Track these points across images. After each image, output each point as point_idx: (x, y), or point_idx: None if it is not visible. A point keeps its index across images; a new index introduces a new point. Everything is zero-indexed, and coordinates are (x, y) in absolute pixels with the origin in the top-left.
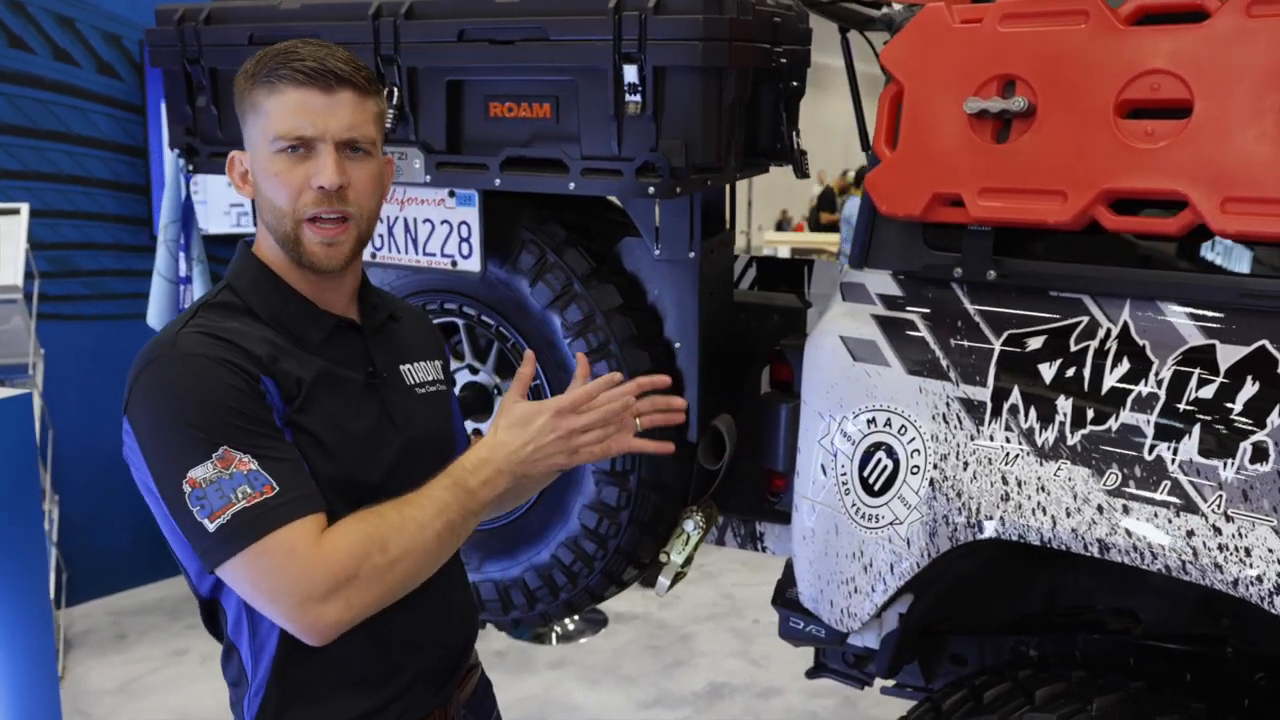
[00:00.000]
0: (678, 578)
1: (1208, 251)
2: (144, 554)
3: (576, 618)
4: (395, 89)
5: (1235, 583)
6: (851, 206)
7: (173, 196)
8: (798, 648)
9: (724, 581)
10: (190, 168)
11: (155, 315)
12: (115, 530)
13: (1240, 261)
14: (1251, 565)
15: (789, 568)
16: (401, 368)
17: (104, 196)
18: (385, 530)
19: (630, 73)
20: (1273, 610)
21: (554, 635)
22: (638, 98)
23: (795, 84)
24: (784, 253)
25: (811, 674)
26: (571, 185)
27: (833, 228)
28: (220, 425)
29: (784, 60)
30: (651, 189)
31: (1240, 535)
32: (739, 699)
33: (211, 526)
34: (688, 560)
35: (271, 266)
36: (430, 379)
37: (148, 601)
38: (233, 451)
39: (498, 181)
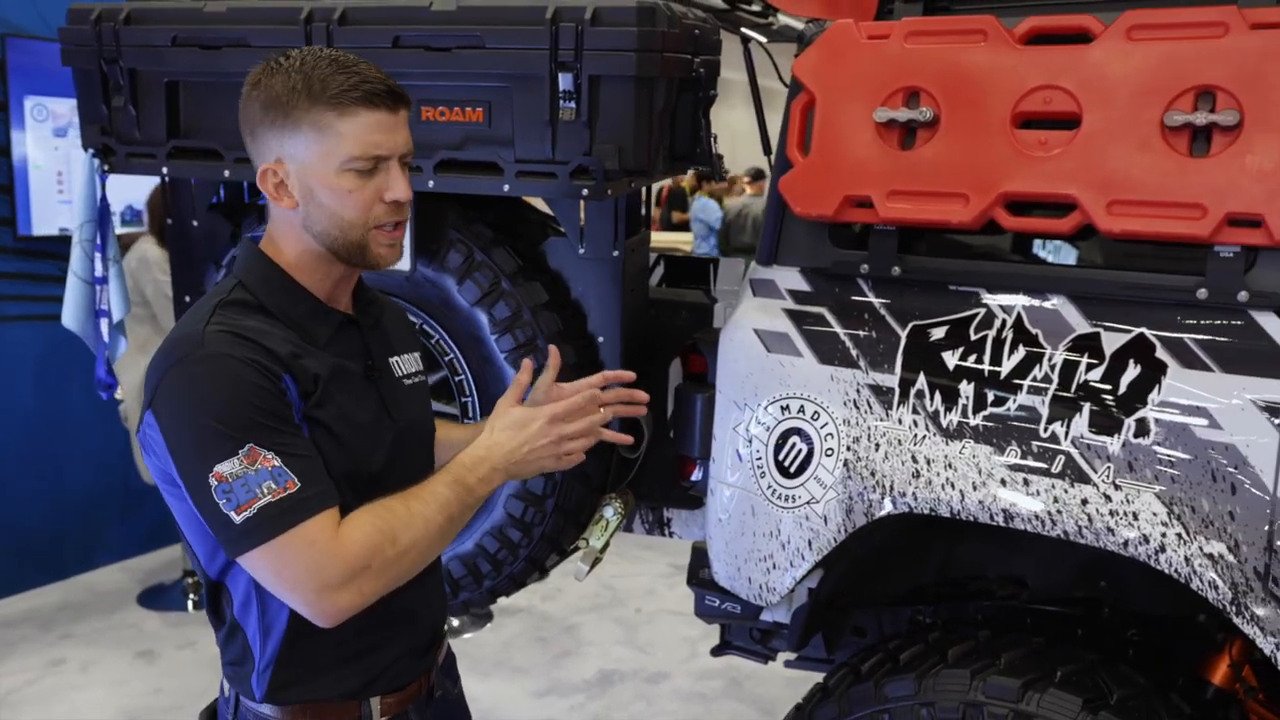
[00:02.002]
0: (595, 562)
1: (1093, 249)
2: (11, 562)
3: (462, 615)
4: None
5: (1125, 544)
6: (699, 205)
7: (87, 197)
8: (682, 626)
9: (603, 573)
10: (106, 168)
11: (70, 315)
12: None
13: (1122, 257)
14: (1139, 528)
15: (697, 551)
16: (391, 360)
17: None
18: (395, 524)
19: (566, 80)
20: (1158, 567)
21: None
22: (572, 104)
23: (712, 92)
24: None
25: (716, 652)
26: (506, 187)
27: (684, 227)
28: (247, 423)
29: (702, 70)
30: (585, 191)
31: (1128, 501)
32: (629, 684)
33: (238, 519)
34: (605, 545)
35: (285, 267)
36: (414, 370)
37: (17, 612)
38: (258, 449)
39: (431, 183)
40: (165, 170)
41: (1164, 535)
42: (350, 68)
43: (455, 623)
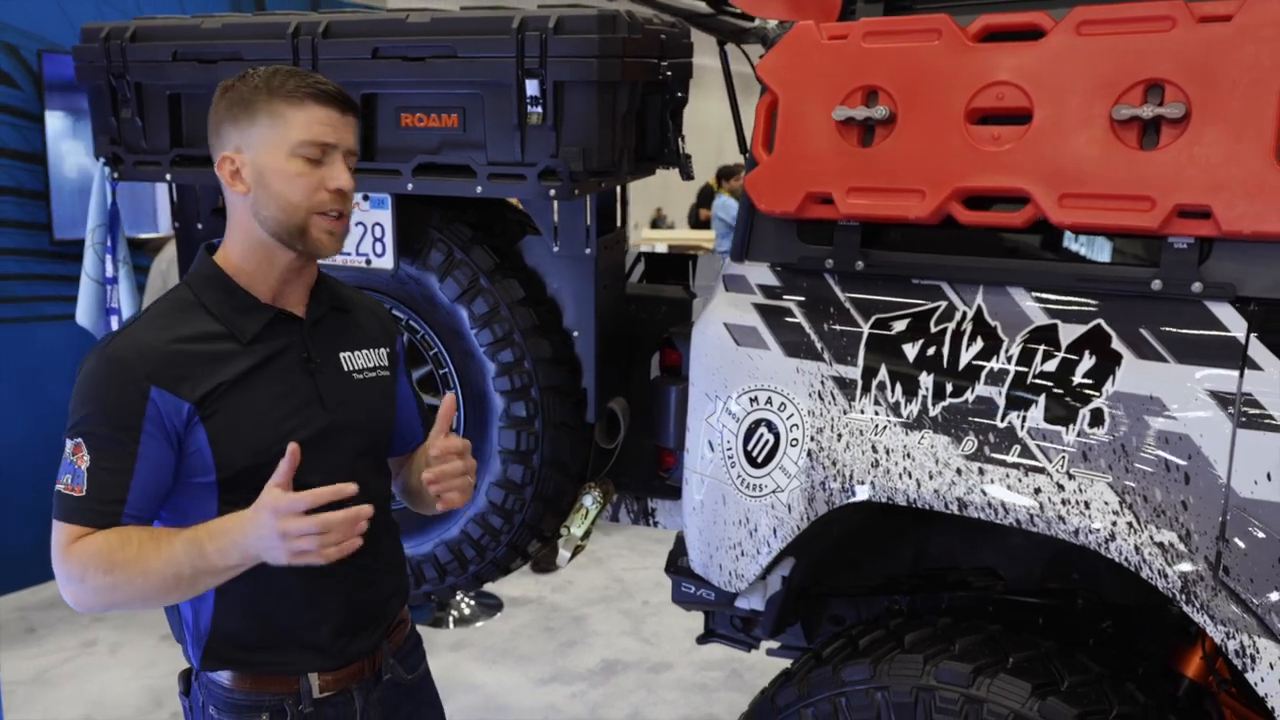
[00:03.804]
0: (577, 550)
1: (1051, 242)
2: (48, 550)
3: (473, 603)
4: None
5: (1076, 532)
6: (719, 203)
7: (99, 202)
8: (688, 618)
9: (613, 566)
10: (115, 175)
11: (83, 313)
12: (18, 527)
13: (1079, 250)
14: (1090, 517)
15: (679, 539)
16: (341, 355)
17: (3, 203)
18: (118, 556)
19: (532, 86)
20: (1108, 555)
21: (451, 619)
22: (539, 109)
23: (680, 94)
24: (661, 249)
25: (702, 640)
26: (479, 189)
27: (709, 224)
28: (90, 423)
29: (670, 73)
30: (552, 191)
31: (1080, 491)
32: (632, 674)
33: (56, 487)
34: (586, 533)
35: (230, 269)
36: (371, 365)
37: (53, 596)
38: (82, 447)
39: (410, 186)
40: (169, 177)
41: (1114, 524)
42: (307, 75)
43: (467, 610)
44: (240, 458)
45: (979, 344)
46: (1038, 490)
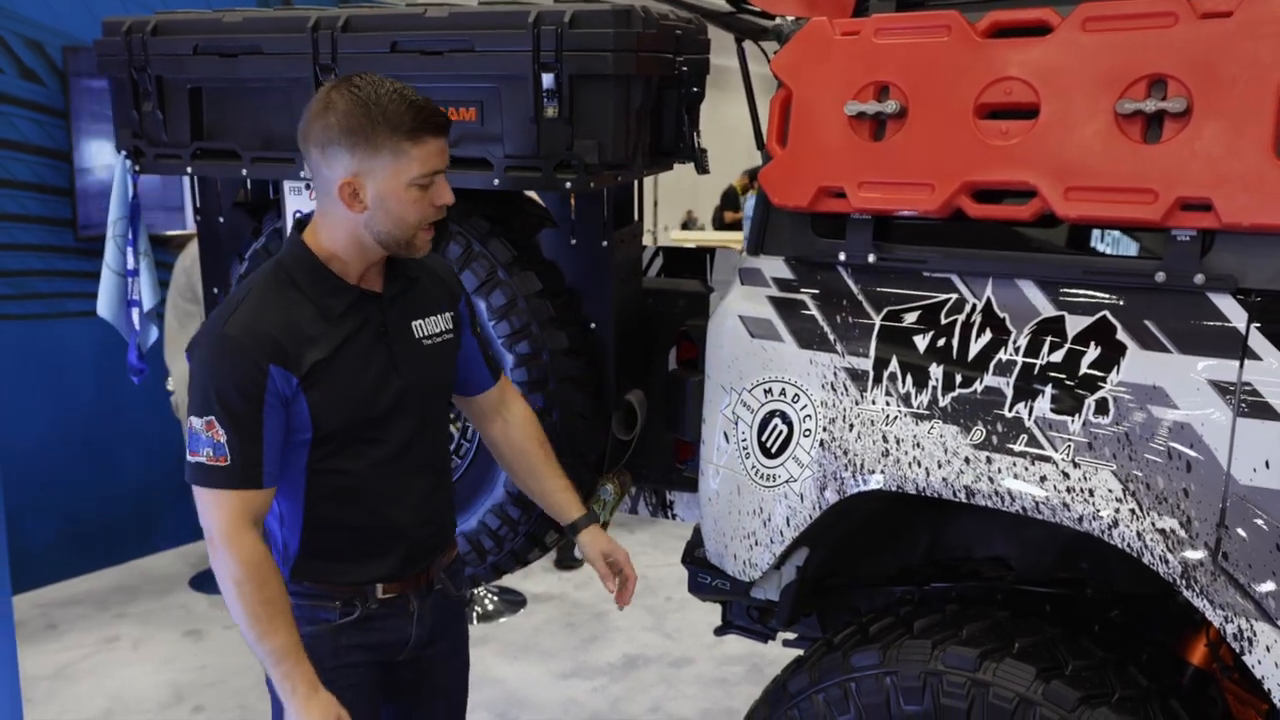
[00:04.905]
0: None
1: (1058, 235)
2: (70, 547)
3: (495, 598)
4: None
5: (1080, 519)
6: (751, 204)
7: (120, 195)
8: (709, 614)
9: (637, 563)
10: (137, 168)
11: (104, 305)
12: (41, 524)
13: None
14: (1094, 504)
15: (696, 530)
16: (414, 323)
17: (28, 199)
18: (251, 584)
19: (548, 80)
20: (1111, 542)
21: (474, 615)
22: (555, 103)
23: (696, 89)
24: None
25: (719, 631)
26: (496, 181)
27: (737, 226)
28: (219, 399)
29: (685, 68)
30: (568, 184)
31: (1085, 479)
32: (653, 669)
33: (189, 459)
34: (604, 524)
35: (320, 253)
36: (439, 330)
37: (75, 594)
38: (215, 422)
39: None
40: (190, 170)
41: (1118, 511)
42: (416, 102)
43: (490, 606)
44: (332, 421)
45: (988, 335)
46: (1044, 478)
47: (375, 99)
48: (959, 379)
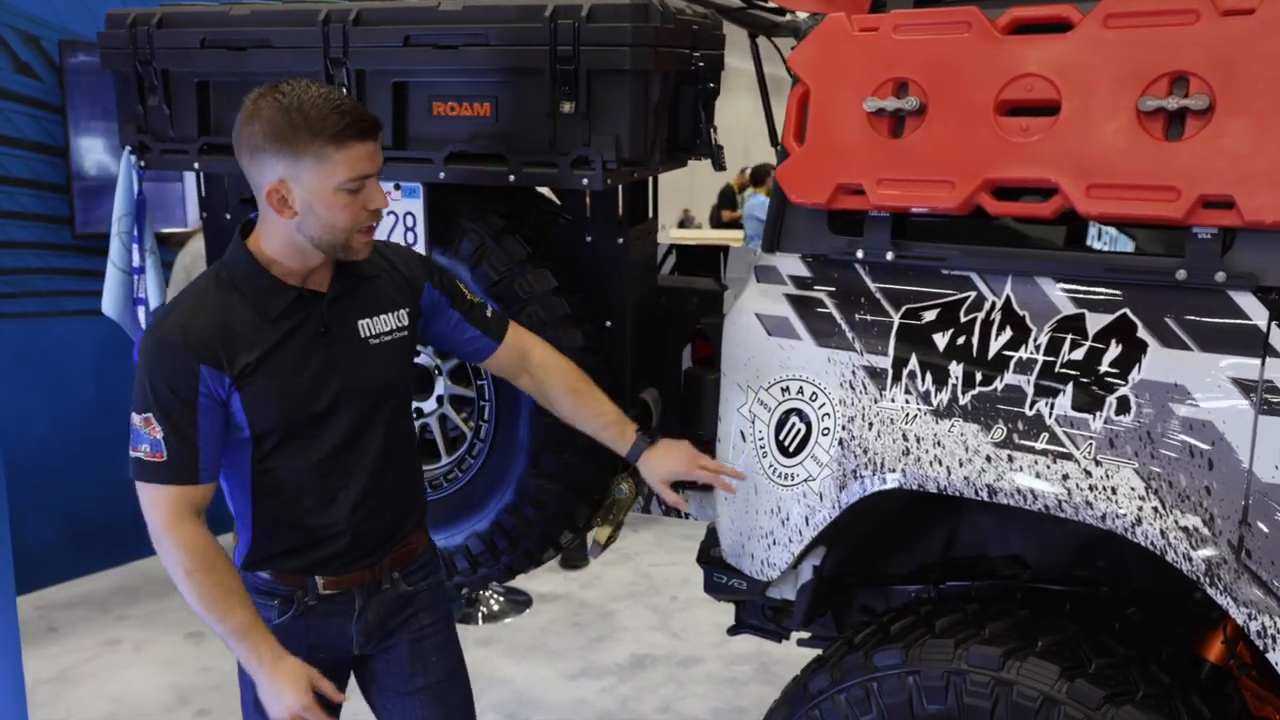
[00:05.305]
0: (610, 540)
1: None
2: (70, 548)
3: (501, 599)
4: (344, 90)
5: (1103, 517)
6: (754, 203)
7: (125, 191)
8: (717, 613)
9: (641, 562)
10: (142, 164)
11: (109, 302)
12: (41, 525)
13: (1107, 241)
14: (1117, 502)
15: (711, 530)
16: (360, 322)
17: (24, 195)
18: (199, 570)
19: (564, 75)
20: (1134, 540)
21: (480, 615)
22: (571, 98)
23: (711, 85)
24: None
25: (733, 630)
26: (512, 177)
27: (734, 225)
28: (155, 396)
29: (702, 64)
30: (585, 180)
31: (1107, 477)
32: (661, 668)
33: (130, 454)
34: (619, 524)
35: (261, 256)
36: (389, 329)
37: (75, 595)
38: (153, 419)
39: (442, 175)
40: (197, 165)
41: (1140, 509)
42: (340, 105)
43: (496, 607)
44: (267, 419)
45: (1008, 333)
46: (1065, 476)
47: (298, 104)
48: (979, 377)
